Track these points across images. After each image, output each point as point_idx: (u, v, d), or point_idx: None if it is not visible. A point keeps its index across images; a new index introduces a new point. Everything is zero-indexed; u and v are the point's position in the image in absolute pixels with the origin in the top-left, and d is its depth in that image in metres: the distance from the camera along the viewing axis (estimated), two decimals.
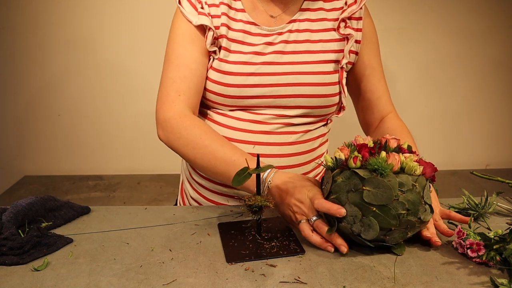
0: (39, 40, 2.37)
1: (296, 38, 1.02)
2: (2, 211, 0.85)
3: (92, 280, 0.70)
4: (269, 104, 1.01)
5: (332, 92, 1.03)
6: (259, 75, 0.99)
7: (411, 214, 0.74)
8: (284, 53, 1.01)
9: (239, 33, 1.00)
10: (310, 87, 1.00)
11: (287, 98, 1.00)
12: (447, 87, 2.48)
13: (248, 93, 0.99)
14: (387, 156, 0.75)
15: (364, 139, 0.81)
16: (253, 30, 1.01)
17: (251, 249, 0.79)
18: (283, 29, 1.02)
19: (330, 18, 1.05)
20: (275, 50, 1.01)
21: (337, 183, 0.77)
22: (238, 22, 1.01)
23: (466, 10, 2.38)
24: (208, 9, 1.00)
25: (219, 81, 1.00)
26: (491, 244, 0.73)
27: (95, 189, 2.38)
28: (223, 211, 0.95)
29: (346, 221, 0.76)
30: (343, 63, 1.03)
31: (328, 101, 1.03)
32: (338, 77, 1.04)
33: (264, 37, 1.01)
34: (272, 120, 1.01)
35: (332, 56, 1.03)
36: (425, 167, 0.78)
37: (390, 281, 0.70)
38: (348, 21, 1.05)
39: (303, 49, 1.02)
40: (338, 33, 1.04)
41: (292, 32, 1.02)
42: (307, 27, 1.03)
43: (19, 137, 2.52)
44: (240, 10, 1.02)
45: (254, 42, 1.01)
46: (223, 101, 1.01)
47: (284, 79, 0.99)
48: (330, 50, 1.03)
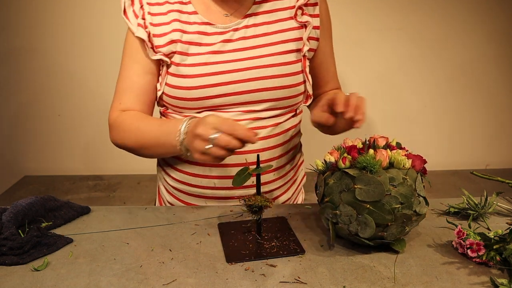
0: (39, 40, 2.37)
1: (254, 33, 1.01)
2: (2, 211, 0.85)
3: (92, 280, 0.70)
4: (235, 102, 1.00)
5: (296, 81, 1.02)
6: (220, 74, 0.98)
7: (405, 207, 0.74)
8: (243, 49, 1.00)
9: (194, 35, 1.00)
10: (273, 79, 1.00)
11: (251, 93, 1.00)
12: (447, 86, 2.48)
13: (211, 93, 0.99)
14: (375, 153, 0.76)
15: (353, 141, 0.83)
16: (209, 29, 1.01)
17: (251, 249, 0.79)
18: (239, 24, 1.01)
19: (286, 7, 1.04)
20: (234, 47, 1.00)
21: (329, 185, 0.78)
22: (192, 24, 1.01)
23: (466, 10, 2.38)
24: (150, 19, 1.01)
25: (179, 86, 0.99)
26: (491, 244, 0.73)
27: (95, 189, 2.38)
28: (223, 211, 0.95)
29: (342, 222, 0.76)
30: (305, 51, 1.03)
31: (293, 91, 1.03)
32: (301, 66, 1.03)
33: (220, 35, 1.01)
34: (240, 116, 1.01)
35: (292, 45, 1.02)
36: (414, 159, 0.78)
37: (390, 281, 0.70)
38: (305, 8, 1.04)
39: (263, 43, 1.01)
40: (296, 21, 1.03)
41: (249, 27, 1.02)
42: (264, 19, 1.03)
43: (19, 137, 2.52)
44: (193, 13, 1.02)
45: (211, 41, 1.00)
46: (188, 104, 1.01)
47: (246, 75, 0.99)
48: (289, 39, 1.02)
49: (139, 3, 1.02)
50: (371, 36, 2.36)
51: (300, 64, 1.03)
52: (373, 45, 2.38)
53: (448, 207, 0.94)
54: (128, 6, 1.03)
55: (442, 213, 0.94)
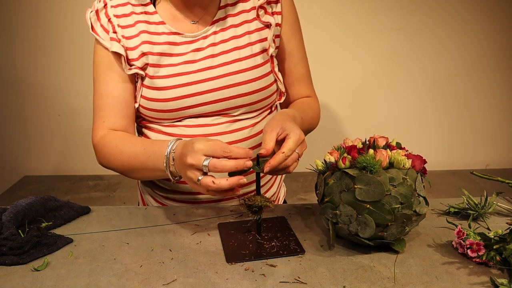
0: (39, 40, 2.37)
1: (222, 38, 1.01)
2: (2, 211, 0.85)
3: (92, 280, 0.70)
4: (212, 110, 0.99)
5: (268, 83, 1.02)
6: (194, 84, 0.97)
7: (405, 207, 0.74)
8: (214, 56, 0.99)
9: (164, 46, 0.98)
10: (246, 85, 0.99)
11: (227, 100, 0.99)
12: (447, 87, 2.48)
13: (188, 103, 0.98)
14: (375, 153, 0.76)
15: (353, 141, 0.83)
16: (178, 39, 0.99)
17: (251, 249, 0.79)
18: (207, 32, 1.00)
19: (249, 8, 1.03)
20: (205, 55, 0.99)
21: (329, 185, 0.78)
22: (161, 35, 0.99)
23: (467, 9, 2.38)
24: (121, 32, 0.98)
25: (155, 98, 0.98)
26: (491, 244, 0.73)
27: (95, 189, 2.38)
28: (223, 211, 0.95)
29: (342, 222, 0.76)
30: (271, 52, 1.02)
31: (266, 93, 1.02)
32: (269, 66, 1.03)
33: (190, 44, 0.99)
34: (217, 120, 1.00)
35: (259, 46, 1.02)
36: (414, 159, 0.78)
37: (390, 281, 0.70)
38: (267, 6, 1.03)
39: (231, 47, 1.00)
40: (260, 21, 1.02)
41: (217, 33, 1.01)
42: (231, 22, 1.02)
43: (19, 137, 2.52)
44: (160, 23, 1.00)
45: (181, 51, 0.99)
46: (165, 115, 0.99)
47: (218, 83, 0.98)
48: (256, 40, 1.02)
49: (106, 17, 1.00)
50: (371, 36, 2.36)
51: (269, 65, 1.03)
52: (373, 45, 2.38)
53: (448, 207, 0.93)
54: (95, 21, 1.01)
55: (442, 213, 0.94)
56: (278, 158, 0.79)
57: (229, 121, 1.01)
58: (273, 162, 0.78)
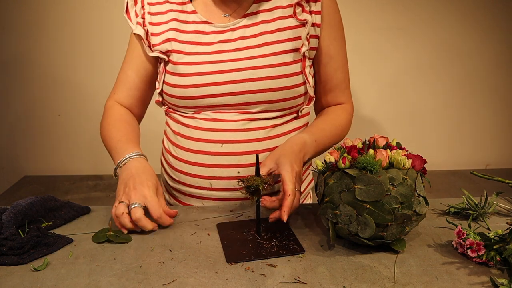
0: (39, 40, 2.37)
1: (252, 33, 1.00)
2: (2, 211, 0.85)
3: (92, 280, 0.70)
4: (230, 102, 0.99)
5: (294, 83, 0.99)
6: (216, 73, 0.98)
7: (405, 207, 0.74)
8: (241, 49, 0.99)
9: (192, 34, 1.02)
10: (268, 80, 0.97)
11: (246, 94, 0.98)
12: (447, 86, 2.48)
13: (207, 92, 0.98)
14: (375, 153, 0.76)
15: (353, 141, 0.83)
16: (207, 28, 1.02)
17: (250, 249, 0.79)
18: (236, 24, 1.01)
19: (286, 5, 1.01)
20: (232, 47, 1.00)
21: (329, 185, 0.78)
22: (190, 24, 1.03)
23: (467, 9, 2.38)
24: (149, 18, 1.05)
25: (177, 84, 1.00)
26: (491, 244, 0.73)
27: (95, 189, 2.38)
28: (223, 211, 0.95)
29: (342, 222, 0.76)
30: (303, 51, 0.99)
31: (291, 93, 0.99)
32: (300, 67, 1.00)
33: (218, 34, 1.01)
34: (236, 116, 1.00)
35: (290, 44, 0.99)
36: (414, 159, 0.78)
37: (390, 281, 0.70)
38: (306, 4, 1.01)
39: (260, 42, 0.99)
40: (296, 19, 1.00)
41: (248, 26, 1.01)
42: (263, 18, 1.01)
43: (19, 137, 2.52)
44: (192, 12, 1.04)
45: (209, 41, 1.01)
46: (184, 103, 1.01)
47: (240, 75, 0.97)
48: (288, 38, 0.99)
49: (141, 3, 1.07)
50: (370, 36, 2.36)
51: (299, 65, 1.00)
52: (372, 45, 2.38)
53: (448, 207, 0.94)
54: (131, 6, 1.08)
55: (442, 213, 0.94)
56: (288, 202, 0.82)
57: (247, 119, 1.00)
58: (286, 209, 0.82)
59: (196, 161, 1.02)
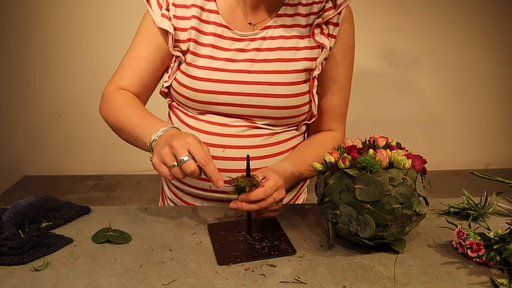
0: (39, 40, 2.37)
1: (269, 46, 0.98)
2: (2, 211, 0.85)
3: (92, 280, 0.70)
4: (237, 113, 0.98)
5: (301, 102, 0.99)
6: (228, 83, 0.96)
7: (405, 207, 0.74)
8: (255, 61, 0.97)
9: (210, 37, 0.98)
10: (278, 99, 0.96)
11: (254, 108, 0.97)
12: (447, 87, 2.48)
13: (216, 99, 0.97)
14: (375, 153, 0.76)
15: (353, 141, 0.83)
16: (226, 33, 0.98)
17: (242, 250, 0.79)
18: (256, 35, 0.98)
19: (305, 24, 0.99)
20: (246, 58, 0.97)
21: (329, 185, 0.78)
22: (210, 24, 0.98)
23: (468, 10, 2.38)
24: (174, 11, 0.98)
25: (187, 86, 0.98)
26: (491, 244, 0.73)
27: (95, 189, 2.38)
28: (223, 211, 0.95)
29: (342, 222, 0.76)
30: (315, 74, 0.98)
31: (297, 111, 0.99)
32: (308, 86, 0.99)
33: (236, 41, 0.98)
34: (238, 123, 0.99)
35: (303, 64, 0.98)
36: (414, 159, 0.78)
37: (390, 281, 0.70)
38: (325, 27, 0.98)
39: (275, 57, 0.97)
40: (313, 40, 0.98)
41: (266, 39, 0.98)
42: (282, 33, 0.98)
43: (19, 137, 2.52)
44: (214, 12, 0.98)
45: (225, 46, 0.98)
46: (192, 105, 1.00)
47: (252, 89, 0.96)
48: (302, 58, 0.98)
49: None
50: (370, 35, 2.36)
51: (308, 85, 0.99)
52: (372, 45, 2.38)
53: (448, 207, 0.94)
54: None
55: (442, 213, 0.94)
56: (257, 192, 0.79)
57: (248, 126, 1.00)
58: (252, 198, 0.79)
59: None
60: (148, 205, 0.99)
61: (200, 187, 1.02)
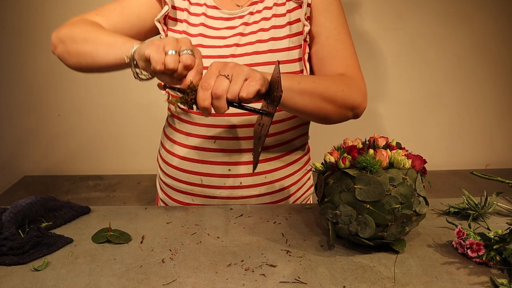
0: (39, 40, 2.37)
1: (255, 19, 1.00)
2: (2, 211, 0.85)
3: (92, 280, 0.70)
4: None
5: (292, 70, 0.97)
6: (219, 58, 0.97)
7: (405, 207, 0.74)
8: (243, 35, 0.99)
9: (201, 17, 1.00)
10: (265, 66, 0.96)
11: None
12: (447, 86, 2.48)
13: None
14: (375, 153, 0.76)
15: (353, 141, 0.83)
16: (215, 14, 1.01)
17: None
18: (244, 12, 1.01)
19: None
20: (235, 33, 0.99)
21: (329, 185, 0.78)
22: (201, 6, 1.01)
23: (468, 10, 2.38)
24: None
25: None
26: (491, 244, 0.73)
27: (95, 189, 2.38)
28: (223, 211, 0.95)
29: (342, 222, 0.76)
30: (306, 32, 0.97)
31: None
32: (300, 53, 0.98)
33: (225, 21, 1.01)
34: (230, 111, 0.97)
35: (289, 29, 0.98)
36: (414, 159, 0.78)
37: (390, 281, 0.70)
38: None
39: (260, 28, 0.99)
40: (293, 1, 0.99)
41: (253, 13, 1.01)
42: (266, 4, 1.01)
43: (19, 137, 2.52)
44: None
45: (215, 25, 1.00)
46: None
47: (240, 61, 0.96)
48: (287, 22, 0.99)
49: None
50: (370, 35, 2.36)
51: (299, 51, 0.98)
52: (371, 45, 2.38)
53: (448, 207, 0.94)
54: None
55: (442, 213, 0.94)
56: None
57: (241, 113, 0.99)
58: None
59: (188, 156, 1.02)
60: (148, 205, 0.99)
61: (192, 182, 1.03)
